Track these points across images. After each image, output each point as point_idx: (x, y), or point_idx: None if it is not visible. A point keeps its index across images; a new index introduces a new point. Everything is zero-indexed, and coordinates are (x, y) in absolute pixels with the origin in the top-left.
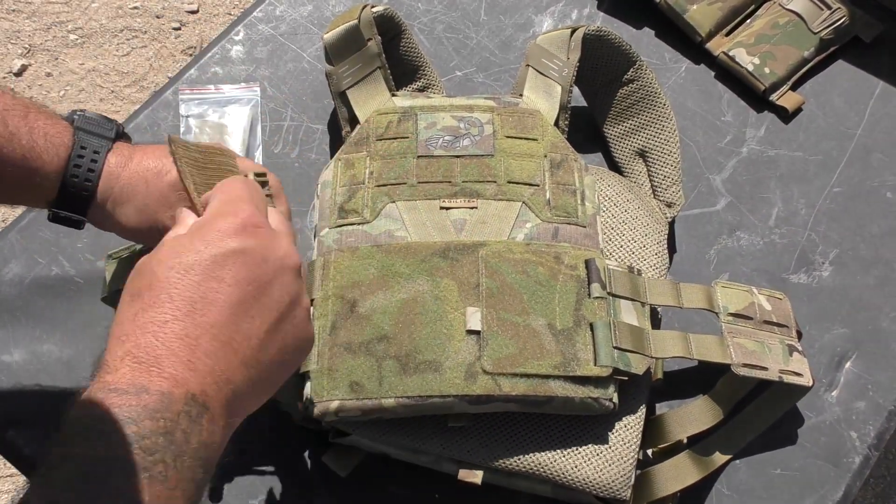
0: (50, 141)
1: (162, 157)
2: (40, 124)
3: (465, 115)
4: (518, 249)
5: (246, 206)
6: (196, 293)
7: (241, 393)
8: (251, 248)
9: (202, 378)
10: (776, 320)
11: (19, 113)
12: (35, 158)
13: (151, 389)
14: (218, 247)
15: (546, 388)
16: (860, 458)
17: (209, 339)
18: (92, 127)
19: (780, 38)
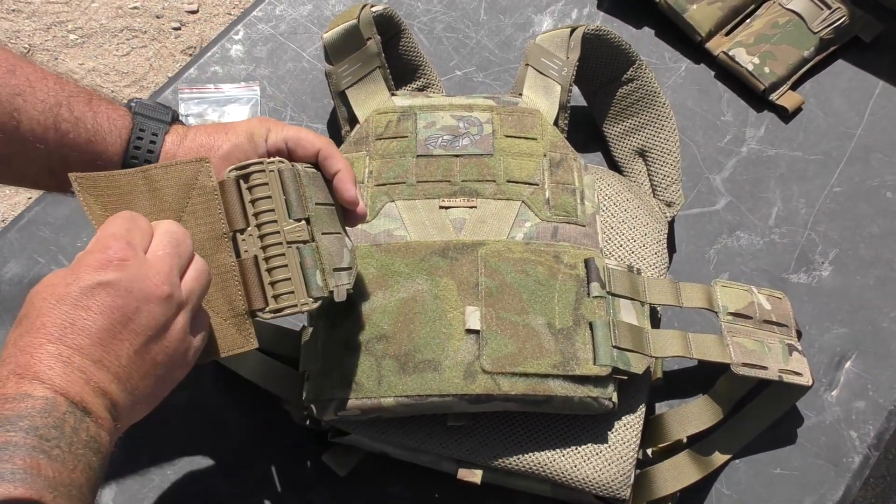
0: (113, 124)
1: (213, 134)
2: (103, 109)
3: (464, 115)
4: (517, 249)
5: (115, 241)
6: (66, 321)
7: (120, 403)
8: (115, 281)
9: (79, 388)
10: (776, 320)
11: (83, 99)
12: (99, 142)
13: (36, 395)
14: (85, 280)
15: (545, 388)
16: (860, 457)
17: (80, 359)
18: (149, 112)
19: (779, 37)
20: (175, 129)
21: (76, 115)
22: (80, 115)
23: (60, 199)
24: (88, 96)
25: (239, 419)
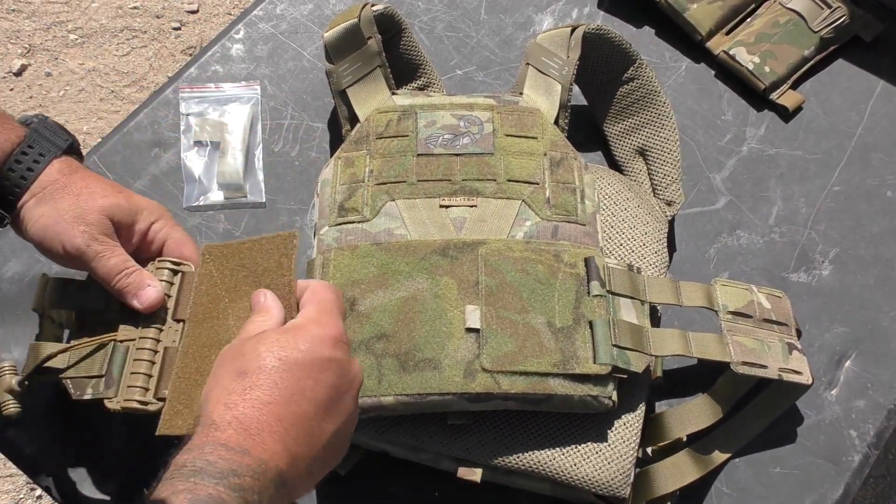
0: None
1: (105, 184)
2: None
3: (464, 114)
4: (517, 248)
5: (337, 320)
6: (295, 387)
7: (307, 476)
8: (339, 360)
9: (289, 459)
10: (776, 319)
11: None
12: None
13: (253, 454)
14: (317, 352)
15: (545, 386)
16: (860, 456)
17: (297, 428)
18: (48, 133)
19: (780, 36)
20: (68, 160)
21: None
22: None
23: None
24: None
25: None
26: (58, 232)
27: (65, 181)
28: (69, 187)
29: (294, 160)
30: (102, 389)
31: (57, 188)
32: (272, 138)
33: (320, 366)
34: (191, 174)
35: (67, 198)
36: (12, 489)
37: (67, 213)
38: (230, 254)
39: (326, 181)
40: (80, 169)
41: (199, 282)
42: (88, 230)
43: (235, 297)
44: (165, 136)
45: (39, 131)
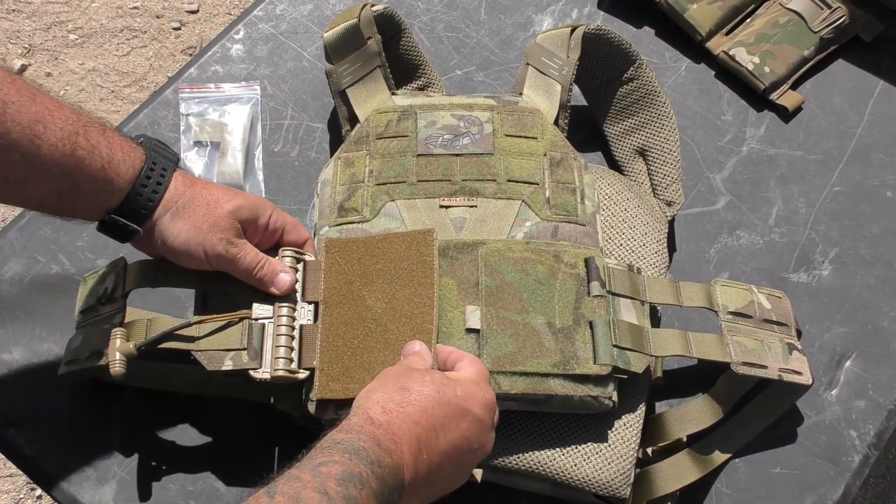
0: (126, 154)
1: (223, 189)
2: (117, 140)
3: (464, 114)
4: (517, 248)
5: (490, 391)
6: (441, 420)
7: (410, 496)
8: (482, 420)
9: (412, 475)
10: (776, 319)
11: (98, 129)
12: (112, 170)
13: (393, 457)
14: (468, 404)
15: (545, 387)
16: (860, 457)
17: (427, 454)
18: (160, 149)
19: (780, 37)
20: (181, 171)
21: (92, 143)
22: (96, 143)
23: None
24: (102, 127)
25: (239, 419)
26: (199, 242)
27: (190, 193)
28: (196, 199)
29: (294, 160)
30: (246, 361)
31: (186, 201)
32: (272, 138)
33: (466, 416)
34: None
35: (199, 209)
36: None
37: (203, 223)
38: (354, 247)
39: (326, 181)
40: (195, 179)
41: (327, 270)
42: (224, 236)
43: (368, 282)
44: (165, 136)
45: (155, 149)
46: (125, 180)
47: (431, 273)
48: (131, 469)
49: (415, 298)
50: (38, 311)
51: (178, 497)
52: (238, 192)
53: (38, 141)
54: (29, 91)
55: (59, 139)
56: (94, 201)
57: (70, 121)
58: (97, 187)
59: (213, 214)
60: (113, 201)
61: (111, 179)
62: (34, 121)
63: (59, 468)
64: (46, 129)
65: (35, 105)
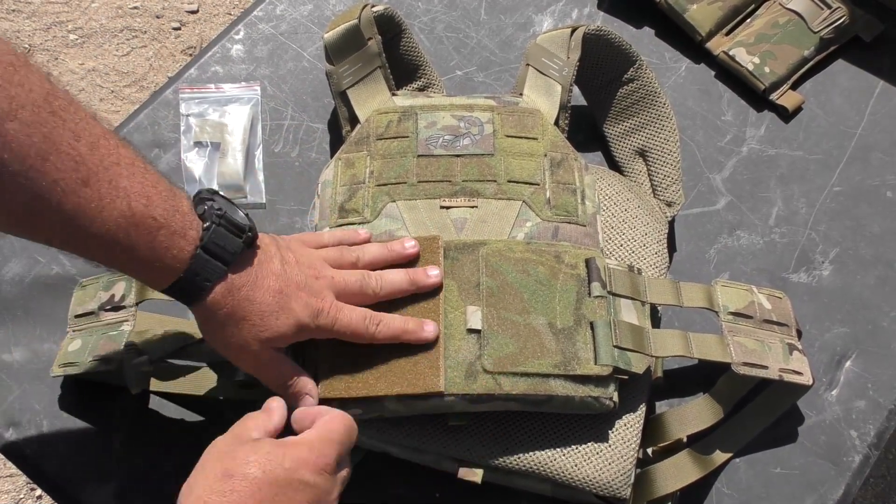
0: (169, 253)
1: (265, 316)
2: (162, 244)
3: (465, 115)
4: (518, 248)
5: (331, 450)
6: (270, 501)
7: None
8: (317, 486)
9: None
10: (776, 319)
11: (147, 228)
12: (148, 275)
13: None
14: (298, 474)
15: (546, 387)
16: (860, 457)
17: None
18: (218, 242)
19: (780, 37)
20: (229, 282)
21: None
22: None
23: None
24: (153, 229)
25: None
26: (228, 356)
27: (227, 311)
28: (232, 317)
29: (294, 161)
30: None
31: (222, 316)
32: (272, 139)
33: (297, 487)
34: (191, 175)
35: (231, 329)
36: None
37: (234, 340)
38: None
39: (327, 182)
40: (240, 288)
41: None
42: (255, 361)
43: None
44: (165, 136)
45: (209, 247)
46: (161, 285)
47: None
48: (131, 469)
49: (420, 302)
50: (38, 311)
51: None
52: (285, 309)
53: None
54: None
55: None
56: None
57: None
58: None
59: (246, 337)
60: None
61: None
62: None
63: (59, 468)
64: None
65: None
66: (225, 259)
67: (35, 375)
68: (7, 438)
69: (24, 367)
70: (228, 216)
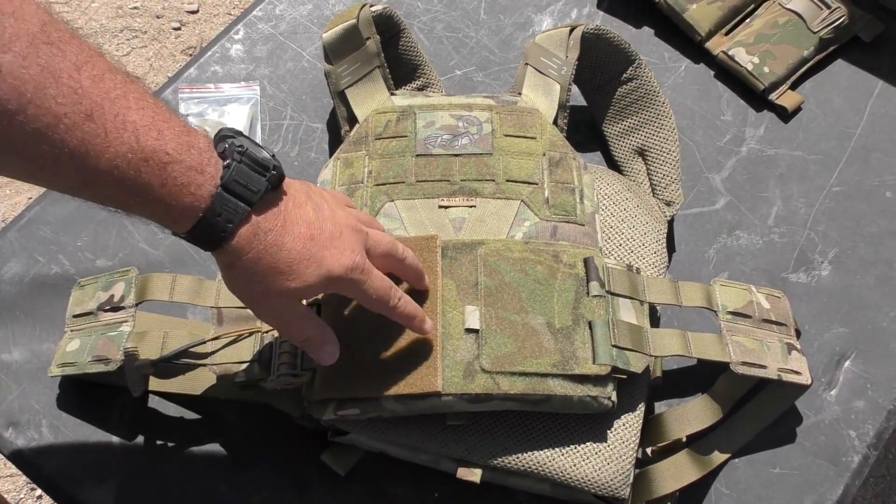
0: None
1: (285, 269)
2: (174, 179)
3: (463, 114)
4: (517, 248)
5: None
6: None
7: None
8: None
9: None
10: (775, 319)
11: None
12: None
13: None
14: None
15: (545, 387)
16: (859, 457)
17: None
18: (240, 181)
19: (779, 37)
20: (254, 223)
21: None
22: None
23: (60, 199)
24: (163, 163)
25: (239, 419)
26: (250, 306)
27: (253, 256)
28: (257, 263)
29: (293, 160)
30: (257, 372)
31: (247, 262)
32: (271, 139)
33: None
34: None
35: (256, 277)
36: (12, 489)
37: (258, 289)
38: None
39: (325, 182)
40: (267, 232)
41: None
42: (278, 313)
43: None
44: None
45: (230, 186)
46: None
47: (435, 278)
48: (131, 469)
49: (417, 301)
50: (38, 311)
51: (177, 497)
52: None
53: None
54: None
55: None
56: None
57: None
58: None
59: (268, 289)
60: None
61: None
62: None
63: (59, 468)
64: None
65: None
66: (248, 199)
67: (34, 375)
68: (7, 438)
69: (24, 367)
70: (251, 153)
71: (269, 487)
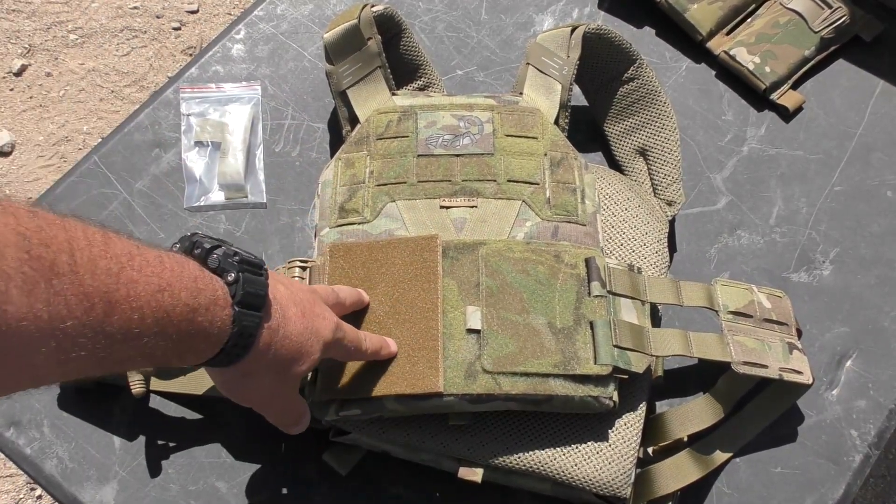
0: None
1: (287, 379)
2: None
3: (465, 114)
4: (518, 248)
5: None
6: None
7: None
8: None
9: None
10: (776, 318)
11: (185, 311)
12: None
13: None
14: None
15: (546, 387)
16: (860, 456)
17: None
18: (250, 295)
19: (780, 37)
20: (255, 352)
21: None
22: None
23: (60, 199)
24: (192, 309)
25: (239, 419)
26: (260, 406)
27: (272, 357)
28: (276, 361)
29: (295, 161)
30: None
31: (265, 364)
32: (273, 139)
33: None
34: (192, 174)
35: (272, 376)
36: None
37: (274, 387)
38: (358, 251)
39: (327, 182)
40: (277, 328)
41: (331, 274)
42: (284, 402)
43: (371, 286)
44: (166, 136)
45: (245, 300)
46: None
47: (436, 278)
48: (131, 469)
49: (418, 302)
50: None
51: (178, 497)
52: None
53: None
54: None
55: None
56: None
57: None
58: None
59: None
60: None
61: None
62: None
63: (59, 468)
64: None
65: None
66: (259, 305)
67: None
68: (8, 438)
69: None
70: (245, 258)
71: (270, 487)
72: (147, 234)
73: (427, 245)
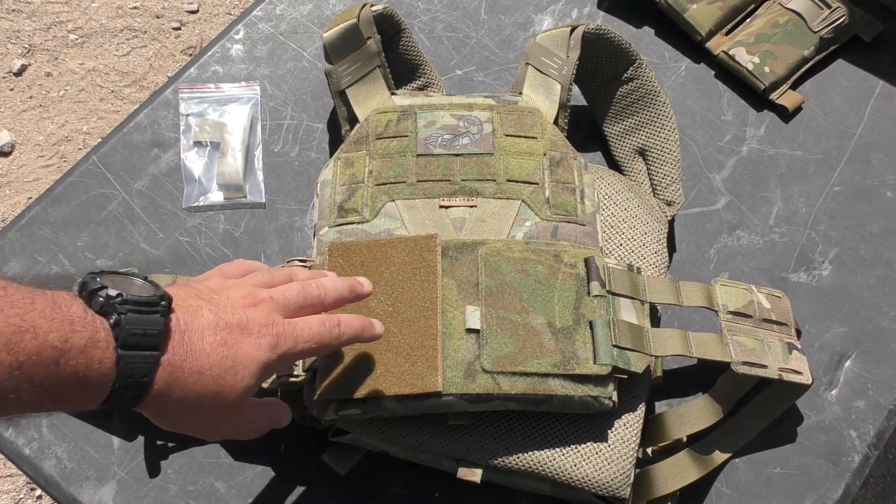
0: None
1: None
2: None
3: (464, 114)
4: (517, 248)
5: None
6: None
7: None
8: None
9: None
10: (775, 318)
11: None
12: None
13: None
14: None
15: (545, 387)
16: (860, 457)
17: None
18: (133, 335)
19: (780, 37)
20: (162, 362)
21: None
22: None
23: (60, 199)
24: (57, 354)
25: None
26: (203, 437)
27: (178, 396)
28: (186, 399)
29: (294, 160)
30: None
31: (174, 404)
32: (272, 139)
33: None
34: (190, 174)
35: (190, 412)
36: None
37: (199, 422)
38: (357, 250)
39: (326, 182)
40: (181, 364)
41: None
42: (231, 428)
43: None
44: (165, 136)
45: (129, 342)
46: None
47: (435, 277)
48: (131, 469)
49: (418, 302)
50: None
51: (178, 497)
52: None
53: None
54: None
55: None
56: None
57: None
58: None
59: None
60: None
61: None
62: None
63: (57, 468)
64: None
65: None
66: (152, 345)
67: None
68: (7, 438)
69: None
70: (131, 298)
71: (269, 487)
72: (146, 233)
73: (426, 244)
